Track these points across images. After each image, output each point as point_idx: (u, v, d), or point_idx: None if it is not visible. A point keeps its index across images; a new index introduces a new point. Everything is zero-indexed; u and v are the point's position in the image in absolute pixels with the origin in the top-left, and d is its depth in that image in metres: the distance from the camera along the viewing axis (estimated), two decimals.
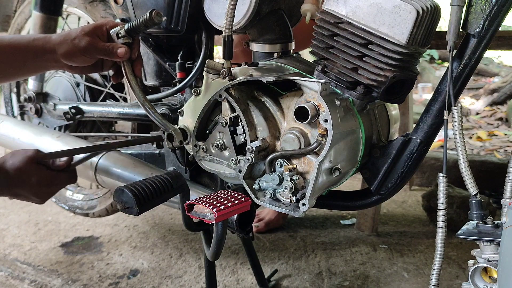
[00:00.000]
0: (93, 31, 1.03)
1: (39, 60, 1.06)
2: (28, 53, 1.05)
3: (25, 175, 1.05)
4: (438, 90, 0.95)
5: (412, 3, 0.85)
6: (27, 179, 1.06)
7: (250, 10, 1.06)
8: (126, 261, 1.66)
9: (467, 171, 0.81)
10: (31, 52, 1.05)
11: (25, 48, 1.05)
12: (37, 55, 1.05)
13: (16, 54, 1.05)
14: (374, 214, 1.82)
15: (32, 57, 1.05)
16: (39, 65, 1.08)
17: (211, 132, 1.01)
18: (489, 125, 3.49)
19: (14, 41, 1.07)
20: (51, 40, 1.05)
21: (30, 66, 1.08)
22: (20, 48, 1.05)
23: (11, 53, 1.05)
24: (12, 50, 1.05)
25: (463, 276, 1.51)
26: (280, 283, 1.52)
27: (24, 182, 1.06)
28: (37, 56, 1.05)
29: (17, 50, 1.05)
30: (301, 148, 0.93)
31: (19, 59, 1.06)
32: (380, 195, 1.01)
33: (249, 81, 0.95)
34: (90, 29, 1.03)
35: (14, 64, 1.07)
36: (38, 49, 1.05)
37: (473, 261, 0.79)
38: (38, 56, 1.05)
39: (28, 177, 1.06)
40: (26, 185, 1.06)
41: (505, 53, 5.11)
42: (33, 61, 1.06)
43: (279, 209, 0.95)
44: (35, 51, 1.05)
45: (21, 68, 1.08)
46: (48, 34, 1.11)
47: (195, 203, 0.91)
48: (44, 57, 1.05)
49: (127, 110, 1.38)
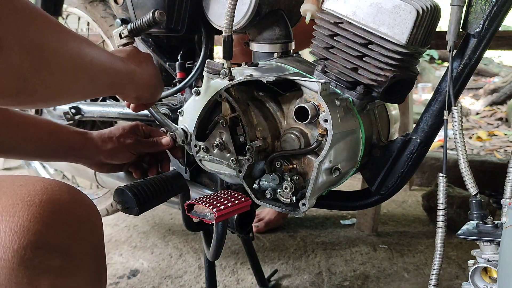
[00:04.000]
0: (133, 130, 1.10)
1: (72, 153, 1.06)
2: (64, 142, 1.04)
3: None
4: (438, 90, 0.95)
5: (412, 3, 0.85)
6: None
7: (250, 10, 1.06)
8: (126, 261, 1.66)
9: (467, 171, 0.81)
10: (68, 144, 1.04)
11: (63, 138, 1.04)
12: (74, 148, 1.05)
13: (52, 141, 1.03)
14: (374, 214, 1.81)
15: (66, 148, 1.04)
16: (67, 155, 1.07)
17: (211, 132, 1.01)
18: (489, 125, 3.49)
19: (52, 127, 1.04)
20: (93, 137, 1.07)
21: (59, 153, 1.06)
22: (58, 136, 1.04)
23: (46, 138, 1.03)
24: (48, 136, 1.03)
25: (463, 276, 1.51)
26: (280, 283, 1.52)
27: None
28: (74, 149, 1.05)
29: (53, 136, 1.03)
30: (301, 148, 0.93)
31: (52, 146, 1.03)
32: (380, 195, 1.01)
33: (249, 81, 0.95)
34: (130, 128, 1.09)
35: (44, 147, 1.03)
36: (76, 143, 1.05)
37: (473, 261, 0.79)
38: (75, 149, 1.05)
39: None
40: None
41: (505, 53, 5.11)
42: (65, 151, 1.05)
43: (279, 209, 0.95)
44: (72, 144, 1.05)
45: (49, 153, 1.05)
46: (85, 130, 1.10)
47: (195, 203, 0.91)
48: (80, 152, 1.06)
49: (127, 110, 1.38)
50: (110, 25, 1.52)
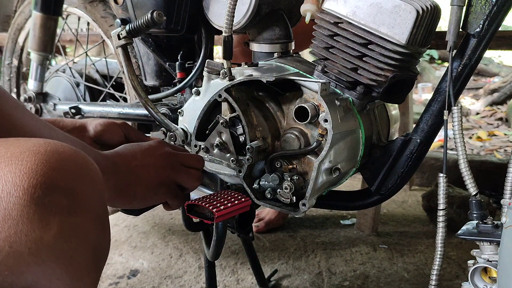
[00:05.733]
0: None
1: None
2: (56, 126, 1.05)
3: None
4: (438, 90, 0.95)
5: (412, 3, 0.85)
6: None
7: (250, 10, 1.06)
8: (126, 261, 1.66)
9: (467, 171, 0.81)
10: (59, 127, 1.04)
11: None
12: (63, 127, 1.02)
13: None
14: (374, 214, 1.81)
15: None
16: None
17: (211, 132, 1.01)
18: (489, 125, 3.49)
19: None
20: (84, 121, 1.05)
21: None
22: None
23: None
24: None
25: (463, 276, 1.51)
26: (280, 283, 1.52)
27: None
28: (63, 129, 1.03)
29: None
30: (301, 148, 0.93)
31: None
32: (380, 195, 1.01)
33: (249, 81, 0.95)
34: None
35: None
36: (66, 123, 1.03)
37: (473, 261, 0.79)
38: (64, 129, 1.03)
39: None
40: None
41: (505, 53, 5.11)
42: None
43: (279, 209, 0.95)
44: (62, 125, 1.03)
45: None
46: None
47: (195, 203, 0.91)
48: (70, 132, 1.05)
49: (127, 110, 1.38)
50: (110, 25, 1.52)
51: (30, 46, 1.61)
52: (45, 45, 1.59)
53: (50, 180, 0.53)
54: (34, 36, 1.58)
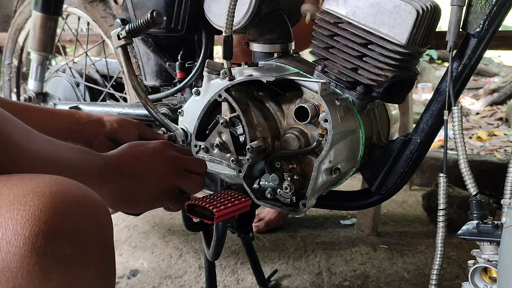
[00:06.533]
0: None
1: (69, 127, 1.01)
2: (65, 117, 1.01)
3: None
4: (438, 90, 0.95)
5: (412, 3, 0.85)
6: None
7: (250, 10, 1.06)
8: (126, 261, 1.66)
9: (467, 171, 0.81)
10: (68, 118, 1.01)
11: (65, 115, 1.01)
12: (73, 122, 1.00)
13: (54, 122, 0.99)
14: (374, 214, 1.81)
15: (66, 122, 1.00)
16: (68, 133, 0.99)
17: (211, 132, 1.01)
18: (489, 125, 3.49)
19: (53, 111, 1.02)
20: (98, 115, 1.04)
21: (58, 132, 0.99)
22: (61, 117, 1.00)
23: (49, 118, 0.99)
24: (51, 117, 0.99)
25: (463, 276, 1.51)
26: (280, 283, 1.52)
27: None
28: (72, 122, 1.00)
29: (56, 117, 0.99)
30: (301, 148, 0.93)
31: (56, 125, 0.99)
32: (380, 195, 1.01)
33: (249, 81, 0.95)
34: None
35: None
36: (80, 116, 1.02)
37: (473, 261, 0.79)
38: (75, 123, 1.00)
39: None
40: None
41: (505, 53, 5.11)
42: (65, 127, 1.00)
43: (279, 209, 0.95)
44: (73, 118, 1.02)
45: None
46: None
47: (195, 203, 0.91)
48: (82, 126, 1.02)
49: (127, 110, 1.38)
50: (110, 25, 1.53)
51: (30, 46, 1.61)
52: (45, 45, 1.59)
53: (54, 227, 0.49)
54: (34, 36, 1.58)
